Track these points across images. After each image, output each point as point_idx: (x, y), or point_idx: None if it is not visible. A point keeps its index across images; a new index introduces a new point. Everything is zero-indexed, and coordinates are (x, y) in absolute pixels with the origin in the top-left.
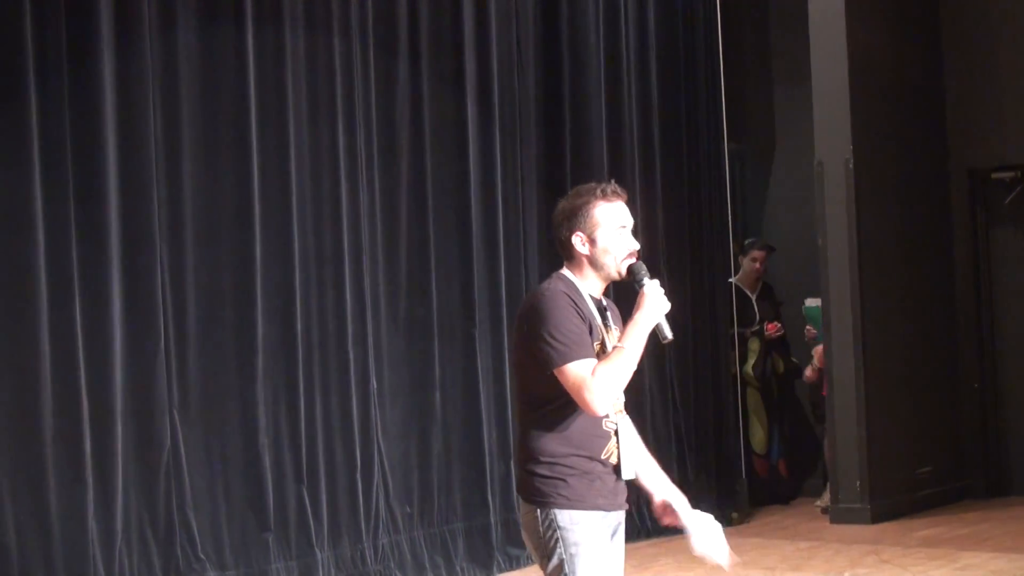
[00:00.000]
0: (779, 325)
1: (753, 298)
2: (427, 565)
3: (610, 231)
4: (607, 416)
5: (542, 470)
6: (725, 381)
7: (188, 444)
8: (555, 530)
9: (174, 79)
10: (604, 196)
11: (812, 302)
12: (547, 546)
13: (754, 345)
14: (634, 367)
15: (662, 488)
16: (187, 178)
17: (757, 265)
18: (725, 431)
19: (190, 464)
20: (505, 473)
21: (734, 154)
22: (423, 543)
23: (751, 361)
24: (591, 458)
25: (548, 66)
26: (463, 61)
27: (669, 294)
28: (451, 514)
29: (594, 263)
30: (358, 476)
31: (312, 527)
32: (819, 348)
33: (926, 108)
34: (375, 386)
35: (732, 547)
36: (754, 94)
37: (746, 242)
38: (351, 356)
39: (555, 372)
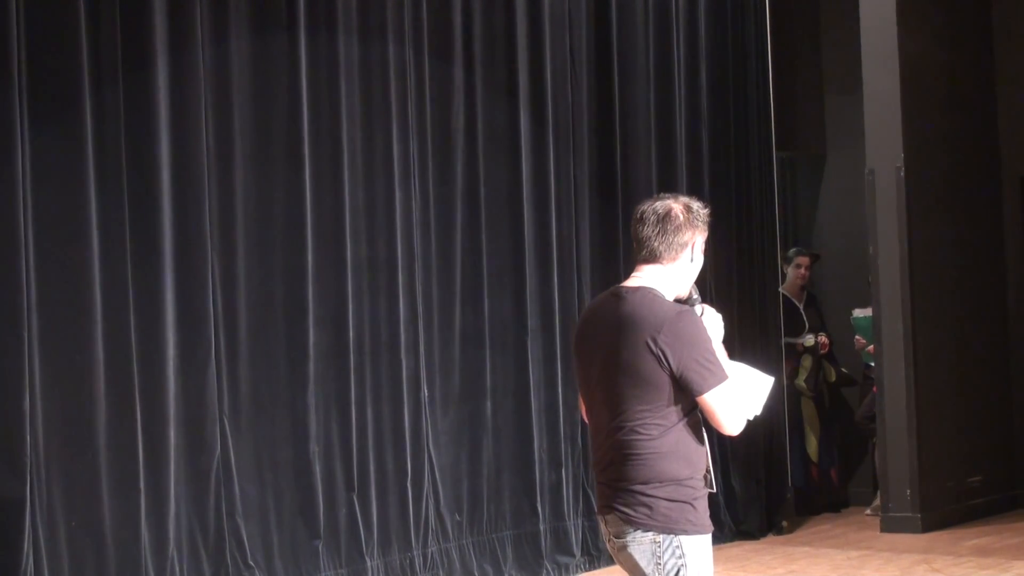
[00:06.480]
0: (827, 340)
1: (800, 307)
2: (476, 573)
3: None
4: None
5: (665, 493)
6: (774, 391)
7: (239, 452)
8: (680, 557)
9: (227, 87)
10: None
11: (860, 312)
12: (666, 574)
13: (806, 361)
14: None
15: None
16: (239, 186)
17: (803, 271)
18: (774, 441)
19: (240, 472)
20: (555, 482)
21: (784, 162)
22: (472, 551)
23: (803, 375)
24: (702, 477)
25: (600, 74)
26: (516, 69)
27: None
28: (500, 522)
29: (687, 275)
30: (408, 484)
31: (362, 535)
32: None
33: (978, 115)
34: (426, 394)
35: (783, 556)
36: (805, 102)
37: (789, 251)
38: (403, 364)
39: (705, 393)
